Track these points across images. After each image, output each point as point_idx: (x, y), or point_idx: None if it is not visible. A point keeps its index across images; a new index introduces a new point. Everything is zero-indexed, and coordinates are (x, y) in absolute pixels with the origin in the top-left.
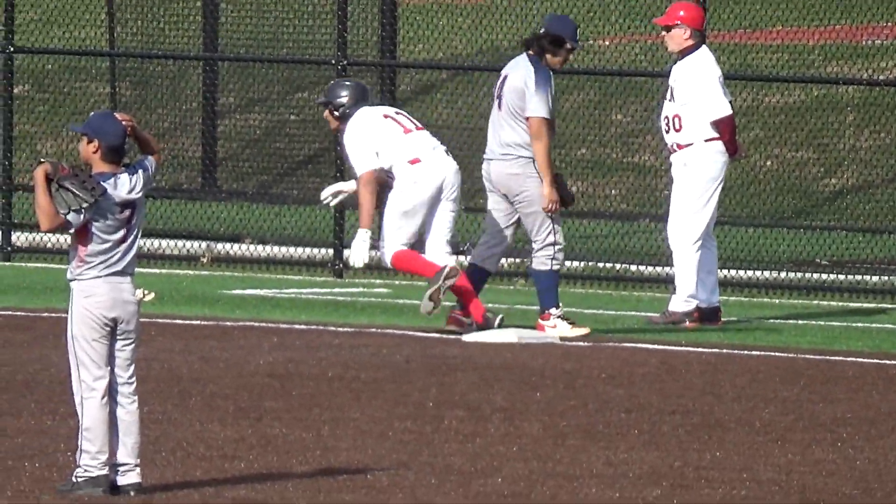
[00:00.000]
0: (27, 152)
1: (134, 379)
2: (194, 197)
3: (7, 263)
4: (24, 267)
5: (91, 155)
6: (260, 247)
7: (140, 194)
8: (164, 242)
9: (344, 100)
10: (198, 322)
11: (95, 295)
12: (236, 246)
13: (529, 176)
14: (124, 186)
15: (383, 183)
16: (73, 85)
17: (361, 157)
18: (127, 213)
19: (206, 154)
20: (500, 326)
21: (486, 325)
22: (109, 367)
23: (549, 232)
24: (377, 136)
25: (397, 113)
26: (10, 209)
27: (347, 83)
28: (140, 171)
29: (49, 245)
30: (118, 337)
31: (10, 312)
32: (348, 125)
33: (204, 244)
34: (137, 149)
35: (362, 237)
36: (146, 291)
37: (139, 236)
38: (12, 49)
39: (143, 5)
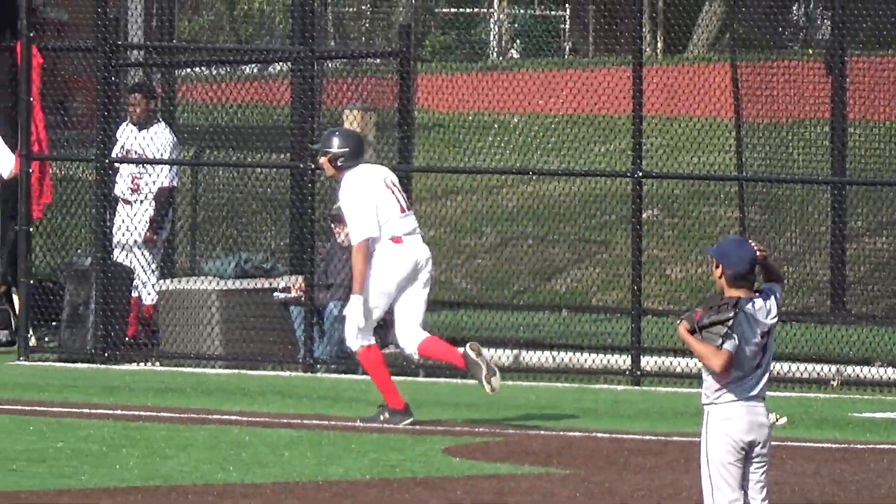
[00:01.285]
0: (656, 276)
1: (767, 502)
2: (823, 320)
3: (636, 388)
4: (654, 392)
5: (718, 279)
6: (890, 369)
7: (776, 319)
8: (794, 366)
9: (343, 150)
10: (829, 445)
11: (733, 419)
12: (866, 369)
13: None
14: (761, 311)
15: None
16: (702, 209)
17: (364, 222)
18: (764, 338)
19: (835, 277)
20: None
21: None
22: (743, 491)
23: None
24: (379, 206)
25: (393, 184)
26: (640, 333)
27: (345, 133)
28: (772, 297)
29: (678, 370)
30: (752, 460)
31: (640, 437)
32: (352, 181)
33: (834, 367)
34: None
35: (358, 302)
36: (779, 416)
37: (771, 360)
38: (640, 174)
39: (772, 130)
